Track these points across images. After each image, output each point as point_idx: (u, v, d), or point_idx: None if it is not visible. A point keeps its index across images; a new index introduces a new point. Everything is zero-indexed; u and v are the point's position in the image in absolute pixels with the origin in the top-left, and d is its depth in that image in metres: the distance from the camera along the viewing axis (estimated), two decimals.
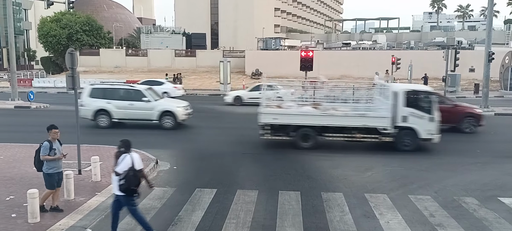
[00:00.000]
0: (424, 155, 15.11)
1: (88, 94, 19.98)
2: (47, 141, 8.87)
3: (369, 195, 10.66)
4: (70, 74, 11.33)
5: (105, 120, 19.85)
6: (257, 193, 10.75)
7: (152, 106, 19.64)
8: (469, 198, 10.55)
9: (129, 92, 20.15)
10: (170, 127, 19.60)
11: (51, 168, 8.92)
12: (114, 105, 19.71)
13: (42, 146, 8.81)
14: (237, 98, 29.55)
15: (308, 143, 15.75)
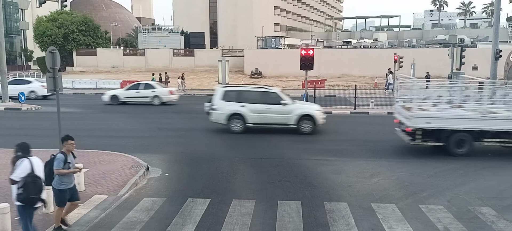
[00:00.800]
0: (431, 158, 14.23)
1: (221, 97, 18.63)
2: (61, 153, 7.89)
3: (376, 205, 9.78)
4: (51, 75, 10.43)
5: (239, 125, 18.41)
6: (254, 203, 9.88)
7: (290, 109, 18.29)
8: (485, 207, 9.68)
9: (266, 94, 18.72)
10: (308, 131, 18.23)
11: (63, 184, 7.93)
12: (249, 109, 18.27)
13: (55, 158, 7.84)
14: (113, 97, 28.94)
15: (463, 149, 14.43)
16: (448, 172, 12.64)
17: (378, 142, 17.00)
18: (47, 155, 13.79)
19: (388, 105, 25.97)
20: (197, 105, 29.48)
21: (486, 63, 40.89)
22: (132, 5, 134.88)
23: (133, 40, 77.50)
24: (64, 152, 7.91)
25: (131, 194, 10.56)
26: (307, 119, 18.27)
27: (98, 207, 9.55)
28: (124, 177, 11.63)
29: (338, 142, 17.13)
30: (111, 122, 22.51)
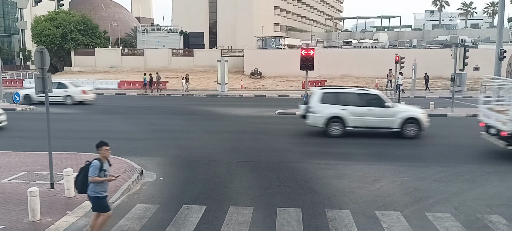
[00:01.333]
0: (435, 162, 13.75)
1: (319, 99, 17.91)
2: (96, 160, 7.47)
3: (381, 213, 9.30)
4: (39, 75, 9.94)
5: (339, 128, 17.64)
6: (252, 211, 9.40)
7: (393, 113, 17.54)
8: (494, 216, 9.20)
9: (367, 97, 18.04)
10: (413, 135, 17.45)
11: (98, 192, 7.50)
12: (349, 112, 17.55)
13: (90, 165, 7.43)
14: (26, 96, 28.32)
15: None
16: (453, 177, 12.17)
17: (380, 145, 16.54)
18: (38, 158, 13.40)
19: None
20: (195, 106, 29.07)
21: (488, 64, 40.49)
22: (131, 5, 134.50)
23: (132, 40, 77.02)
24: (99, 159, 7.50)
25: (123, 200, 10.08)
26: (412, 122, 17.55)
27: (87, 214, 9.03)
28: (117, 181, 11.03)
29: (339, 144, 16.65)
30: (107, 123, 22.05)
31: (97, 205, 7.62)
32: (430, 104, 25.31)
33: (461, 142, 17.02)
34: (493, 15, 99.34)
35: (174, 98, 35.09)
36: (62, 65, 63.18)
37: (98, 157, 7.52)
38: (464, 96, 33.01)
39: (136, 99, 34.38)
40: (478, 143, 16.86)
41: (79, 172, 7.62)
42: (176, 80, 48.03)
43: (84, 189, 7.54)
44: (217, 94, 36.56)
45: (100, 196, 7.51)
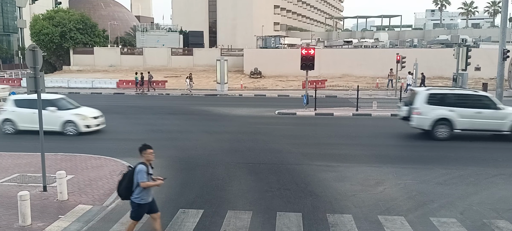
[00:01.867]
0: (439, 164, 13.44)
1: (425, 100, 17.25)
2: (141, 164, 7.07)
3: (384, 218, 9.00)
4: (31, 75, 9.62)
5: (446, 131, 16.96)
6: (251, 215, 9.10)
7: (504, 115, 16.87)
8: (501, 221, 8.91)
9: (477, 98, 17.44)
10: None
11: (144, 198, 7.15)
12: (457, 114, 16.88)
13: (136, 170, 7.01)
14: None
15: None
16: (458, 180, 11.86)
17: (382, 146, 16.23)
18: (32, 159, 13.07)
19: (391, 107, 25.23)
20: (194, 106, 28.76)
21: (489, 64, 40.23)
22: (131, 4, 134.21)
23: (132, 39, 76.68)
24: (144, 163, 7.11)
25: (118, 204, 9.77)
26: None
27: (80, 219, 8.77)
28: (112, 184, 10.85)
29: (340, 145, 16.35)
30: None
31: (134, 211, 7.26)
32: None
33: (464, 143, 16.71)
34: (494, 14, 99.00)
35: (173, 97, 34.77)
36: (61, 64, 62.82)
37: (142, 161, 7.11)
38: None
39: (134, 99, 34.07)
40: (480, 144, 16.59)
41: (123, 178, 7.23)
42: (176, 79, 47.74)
43: (128, 195, 7.17)
44: (216, 94, 36.25)
45: (143, 203, 7.16)
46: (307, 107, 25.19)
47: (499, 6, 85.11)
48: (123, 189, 7.18)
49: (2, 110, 18.43)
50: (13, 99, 18.67)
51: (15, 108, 18.14)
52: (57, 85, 40.86)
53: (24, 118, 17.69)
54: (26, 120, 17.62)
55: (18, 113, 18.00)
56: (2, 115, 18.26)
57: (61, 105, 18.28)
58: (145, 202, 7.18)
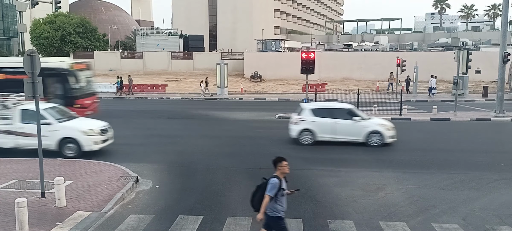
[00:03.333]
0: (440, 169, 13.34)
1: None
2: (274, 177, 6.78)
3: (385, 224, 8.91)
4: (29, 80, 9.55)
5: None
6: (251, 222, 9.01)
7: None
8: (504, 227, 8.82)
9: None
10: None
11: (279, 211, 6.90)
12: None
13: (269, 183, 6.77)
14: None
15: None
16: (459, 185, 11.77)
17: (383, 150, 16.12)
18: (30, 164, 12.91)
19: (392, 110, 25.13)
20: (194, 110, 28.66)
21: (489, 67, 40.15)
22: (131, 8, 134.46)
23: (132, 43, 76.73)
24: (278, 176, 6.82)
25: (116, 210, 9.68)
26: None
27: (78, 226, 8.67)
28: (111, 190, 10.76)
29: (341, 150, 16.23)
30: None
31: (274, 226, 6.97)
32: (432, 108, 24.89)
33: (466, 147, 16.62)
34: (494, 17, 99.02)
35: (173, 102, 34.68)
36: None
37: (276, 174, 6.80)
38: (466, 99, 32.60)
39: (134, 103, 33.98)
40: (482, 148, 16.49)
41: (256, 190, 6.97)
42: (176, 83, 47.67)
43: None
44: (216, 98, 36.16)
45: (280, 216, 6.88)
46: None
47: (499, 9, 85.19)
48: (257, 201, 6.90)
49: (301, 120, 17.04)
50: (310, 109, 17.33)
51: (315, 118, 16.90)
52: None
53: (323, 128, 16.67)
54: (325, 130, 16.63)
55: (317, 123, 16.79)
56: (301, 125, 16.96)
57: None
58: (280, 215, 6.92)
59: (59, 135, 14.43)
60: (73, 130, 14.59)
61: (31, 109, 14.16)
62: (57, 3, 32.43)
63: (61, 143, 14.43)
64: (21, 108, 14.53)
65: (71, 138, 14.44)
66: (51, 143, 14.27)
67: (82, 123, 15.43)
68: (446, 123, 22.85)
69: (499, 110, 23.30)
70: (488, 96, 33.90)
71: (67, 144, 14.42)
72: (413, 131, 20.58)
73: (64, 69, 20.51)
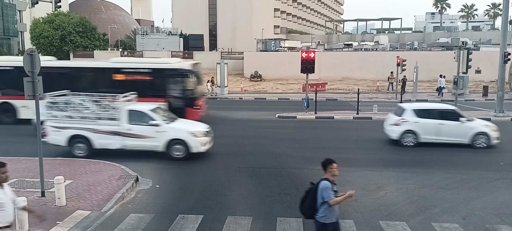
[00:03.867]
0: (440, 169, 13.34)
1: None
2: (325, 180, 6.46)
3: (385, 223, 8.91)
4: (29, 79, 9.54)
5: None
6: (251, 221, 9.01)
7: None
8: (505, 226, 8.82)
9: None
10: None
11: (330, 217, 6.54)
12: None
13: (320, 187, 6.42)
14: None
15: None
16: (459, 184, 11.77)
17: (383, 150, 16.14)
18: (30, 164, 12.91)
19: (392, 110, 25.09)
20: None
21: (489, 67, 40.13)
22: (131, 7, 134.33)
23: (132, 42, 76.68)
24: (328, 179, 6.49)
25: (116, 209, 9.68)
26: None
27: (78, 225, 8.68)
28: (111, 189, 10.76)
29: (341, 149, 16.24)
30: None
31: None
32: None
33: (465, 147, 16.61)
34: (494, 17, 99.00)
35: None
36: None
37: (326, 177, 6.50)
38: (467, 99, 32.57)
39: None
40: (482, 148, 16.47)
41: (305, 195, 6.70)
42: None
43: (313, 214, 6.60)
44: (216, 97, 36.14)
45: (328, 222, 6.55)
46: (307, 111, 25.08)
47: (499, 9, 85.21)
48: (307, 207, 6.64)
49: (403, 121, 16.58)
50: (413, 109, 16.85)
51: (418, 119, 16.47)
52: None
53: (427, 129, 16.26)
54: (429, 132, 16.23)
55: (421, 124, 16.35)
56: (403, 126, 16.51)
57: None
58: (330, 222, 6.56)
59: (167, 136, 14.16)
60: (182, 131, 14.32)
61: (139, 110, 14.32)
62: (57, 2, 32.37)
63: (169, 144, 14.18)
64: (129, 109, 14.28)
65: (179, 139, 14.14)
66: (159, 144, 14.15)
67: (188, 124, 15.34)
68: None
69: (499, 110, 23.29)
70: (488, 96, 33.88)
71: (175, 145, 14.18)
72: None
73: (186, 70, 20.45)
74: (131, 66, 20.63)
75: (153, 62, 21.84)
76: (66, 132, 14.38)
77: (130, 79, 20.06)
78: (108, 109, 14.37)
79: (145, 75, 20.35)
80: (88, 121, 14.35)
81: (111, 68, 20.57)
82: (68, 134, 14.37)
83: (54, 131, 14.47)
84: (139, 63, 21.52)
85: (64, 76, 20.45)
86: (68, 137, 14.38)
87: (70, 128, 14.37)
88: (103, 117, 14.30)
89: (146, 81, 20.26)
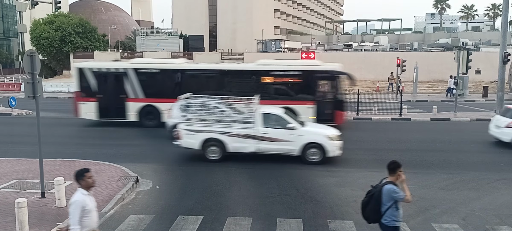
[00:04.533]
0: (440, 169, 13.35)
1: None
2: (390, 183, 6.25)
3: None
4: (30, 80, 9.56)
5: None
6: (251, 222, 9.01)
7: None
8: (505, 227, 8.82)
9: None
10: None
11: (399, 220, 6.34)
12: None
13: (388, 190, 6.19)
14: None
15: None
16: (459, 185, 11.77)
17: (383, 150, 16.11)
18: (30, 165, 12.92)
19: (392, 110, 25.17)
20: None
21: (490, 68, 40.16)
22: (131, 8, 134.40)
23: (132, 43, 76.72)
24: (393, 182, 6.26)
25: (116, 210, 9.69)
26: None
27: None
28: (111, 190, 10.76)
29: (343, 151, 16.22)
30: (104, 127, 21.57)
31: None
32: (433, 108, 24.90)
33: (465, 148, 16.62)
34: (494, 17, 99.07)
35: None
36: (61, 69, 62.87)
37: (391, 180, 6.28)
38: (466, 100, 32.59)
39: None
40: (482, 148, 16.48)
41: (368, 199, 6.45)
42: None
43: (378, 218, 6.33)
44: None
45: (398, 226, 6.35)
46: None
47: (499, 9, 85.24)
48: (371, 211, 6.39)
49: None
50: None
51: None
52: (57, 90, 40.84)
53: None
54: None
55: None
56: None
57: None
58: (399, 224, 6.38)
59: (303, 140, 13.78)
60: (319, 135, 13.99)
61: (274, 113, 14.13)
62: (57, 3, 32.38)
63: (304, 148, 13.81)
64: (263, 112, 14.00)
65: (316, 143, 13.78)
66: (294, 148, 13.82)
67: (321, 128, 15.00)
68: (446, 123, 22.85)
69: (499, 111, 23.27)
70: (488, 96, 33.90)
71: (311, 149, 13.82)
72: (413, 131, 20.58)
73: (338, 71, 19.96)
74: (280, 69, 20.21)
75: (302, 64, 21.26)
76: (200, 135, 14.01)
77: (278, 81, 19.80)
78: (243, 112, 14.06)
79: (294, 78, 19.98)
80: (223, 124, 13.99)
81: (259, 71, 20.12)
82: (202, 137, 14.00)
83: (188, 134, 14.08)
84: (286, 65, 21.03)
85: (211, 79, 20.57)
86: (202, 140, 14.00)
87: (205, 131, 14.00)
88: (238, 120, 13.96)
89: (294, 84, 19.99)
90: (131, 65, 21.08)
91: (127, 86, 20.57)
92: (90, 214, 5.82)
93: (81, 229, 5.64)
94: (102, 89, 20.81)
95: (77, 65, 21.62)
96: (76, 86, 21.19)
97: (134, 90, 20.56)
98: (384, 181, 6.39)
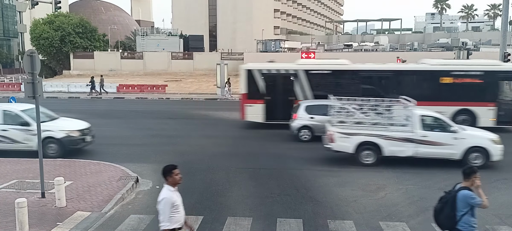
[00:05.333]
0: (440, 169, 13.31)
1: None
2: (466, 189, 6.19)
3: (385, 224, 8.91)
4: (30, 80, 9.56)
5: None
6: (251, 222, 9.01)
7: None
8: (504, 227, 8.83)
9: None
10: None
11: (474, 226, 6.23)
12: None
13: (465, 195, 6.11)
14: None
15: None
16: None
17: None
18: (30, 165, 12.88)
19: None
20: (194, 110, 28.68)
21: None
22: (131, 8, 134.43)
23: (132, 43, 76.77)
24: (468, 187, 6.18)
25: (116, 210, 9.69)
26: None
27: (78, 226, 8.68)
28: (111, 190, 10.77)
29: None
30: (104, 128, 21.49)
31: None
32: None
33: None
34: (494, 17, 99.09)
35: (173, 102, 34.71)
36: (61, 69, 62.89)
37: (466, 186, 6.21)
38: None
39: (134, 103, 34.00)
40: None
41: (442, 206, 6.35)
42: (176, 83, 47.66)
43: (453, 225, 6.20)
44: (216, 98, 36.16)
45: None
46: None
47: (499, 9, 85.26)
48: (446, 217, 6.27)
49: None
50: None
51: None
52: (57, 90, 40.83)
53: None
54: None
55: None
56: None
57: None
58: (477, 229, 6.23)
59: (466, 144, 13.33)
60: (482, 139, 13.59)
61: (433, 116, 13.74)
62: (57, 3, 32.41)
63: (467, 152, 13.29)
64: (421, 115, 13.52)
65: (480, 147, 13.34)
66: (456, 152, 13.32)
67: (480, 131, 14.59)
68: None
69: None
70: None
71: (473, 153, 13.30)
72: None
73: None
74: (460, 69, 19.55)
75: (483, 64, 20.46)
76: (355, 138, 13.58)
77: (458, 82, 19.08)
78: (399, 115, 13.72)
79: (474, 78, 19.16)
80: (379, 126, 13.62)
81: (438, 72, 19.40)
82: (357, 140, 13.57)
83: (342, 137, 13.63)
84: (466, 65, 20.41)
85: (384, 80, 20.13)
86: (357, 143, 13.58)
87: (360, 134, 13.59)
88: (395, 123, 13.60)
89: (474, 84, 19.20)
90: (300, 66, 20.53)
91: (297, 88, 20.06)
92: (179, 209, 5.96)
93: (171, 225, 5.78)
94: (270, 91, 20.26)
95: (245, 67, 20.89)
96: (243, 88, 20.51)
97: (304, 92, 20.05)
98: (458, 186, 6.26)
